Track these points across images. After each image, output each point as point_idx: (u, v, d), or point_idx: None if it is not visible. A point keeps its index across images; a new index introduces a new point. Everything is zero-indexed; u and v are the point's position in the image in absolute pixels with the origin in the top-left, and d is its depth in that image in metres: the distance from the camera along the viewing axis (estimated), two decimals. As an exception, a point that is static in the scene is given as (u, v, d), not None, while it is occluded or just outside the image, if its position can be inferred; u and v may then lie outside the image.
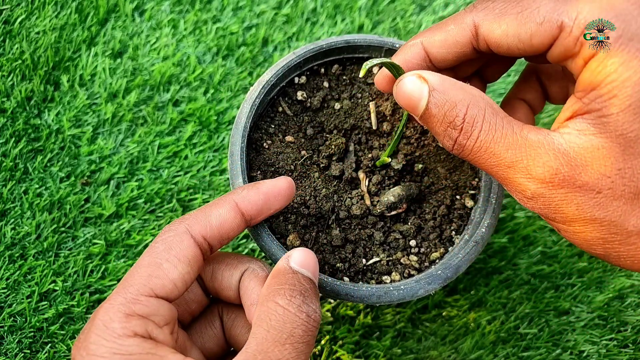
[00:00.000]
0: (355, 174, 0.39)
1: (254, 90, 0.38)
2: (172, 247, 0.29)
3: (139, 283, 0.28)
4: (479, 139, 0.27)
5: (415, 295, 0.35)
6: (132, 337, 0.26)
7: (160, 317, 0.28)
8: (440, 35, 0.31)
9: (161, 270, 0.29)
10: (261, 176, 0.38)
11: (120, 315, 0.27)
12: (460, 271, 0.36)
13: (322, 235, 0.37)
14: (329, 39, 0.40)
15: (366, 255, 0.38)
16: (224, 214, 0.31)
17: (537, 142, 0.26)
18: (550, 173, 0.26)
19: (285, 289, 0.28)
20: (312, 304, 0.28)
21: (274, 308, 0.27)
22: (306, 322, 0.27)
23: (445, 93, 0.28)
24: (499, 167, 0.27)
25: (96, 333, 0.26)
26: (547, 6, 0.26)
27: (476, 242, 0.36)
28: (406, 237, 0.39)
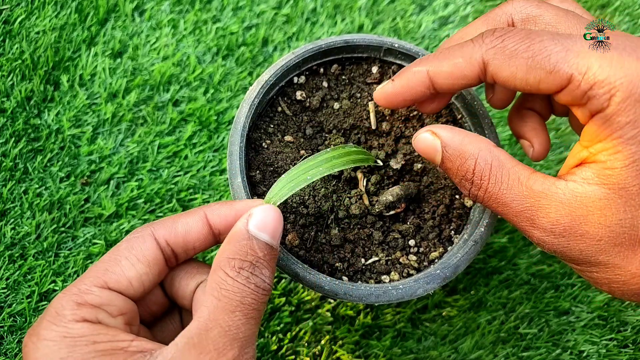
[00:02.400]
0: (353, 173, 0.39)
1: (253, 90, 0.38)
2: (134, 247, 0.30)
3: (94, 275, 0.29)
4: (488, 191, 0.30)
5: (414, 294, 0.35)
6: (80, 322, 0.27)
7: (114, 308, 0.29)
8: (448, 67, 0.31)
9: (118, 267, 0.29)
10: (260, 176, 0.38)
11: (71, 304, 0.27)
12: (459, 270, 0.36)
13: (321, 235, 0.37)
14: (328, 39, 0.40)
15: (365, 254, 0.38)
16: (191, 223, 0.32)
17: (541, 193, 0.28)
18: (552, 223, 0.28)
19: (236, 260, 0.29)
20: (261, 274, 0.29)
21: (224, 277, 0.28)
22: (255, 292, 0.28)
23: (455, 148, 0.30)
24: (508, 215, 0.29)
25: (47, 319, 0.27)
26: (558, 55, 0.27)
27: (475, 241, 0.36)
28: (405, 237, 0.39)
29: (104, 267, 0.29)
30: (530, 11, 0.32)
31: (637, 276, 0.27)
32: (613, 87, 0.25)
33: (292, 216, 0.37)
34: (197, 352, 0.26)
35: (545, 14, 0.31)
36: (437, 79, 0.32)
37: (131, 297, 0.30)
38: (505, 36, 0.28)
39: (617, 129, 0.26)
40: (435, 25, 0.57)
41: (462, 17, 0.57)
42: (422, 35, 0.56)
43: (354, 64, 0.42)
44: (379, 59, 0.42)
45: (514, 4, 0.33)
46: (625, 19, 0.57)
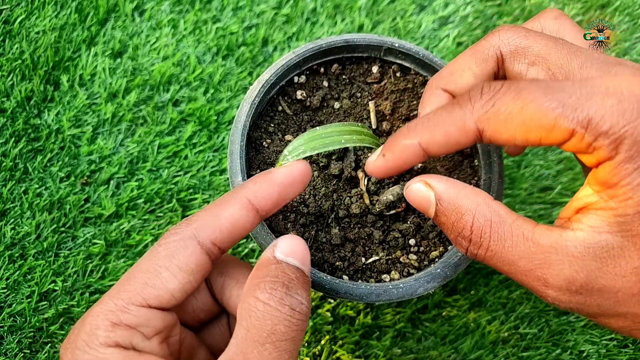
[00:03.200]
0: (354, 172, 0.39)
1: (254, 90, 0.38)
2: (175, 254, 0.27)
3: (132, 290, 0.26)
4: (490, 249, 0.27)
5: (414, 293, 0.35)
6: (112, 347, 0.25)
7: (150, 329, 0.27)
8: (440, 137, 0.29)
9: (159, 279, 0.27)
10: None
11: (106, 323, 0.26)
12: (460, 269, 0.36)
13: (322, 234, 0.38)
14: (329, 39, 0.40)
15: (365, 254, 0.38)
16: (235, 213, 0.28)
17: (550, 248, 0.26)
18: (567, 282, 0.26)
19: (266, 281, 0.26)
20: (297, 295, 0.26)
21: (254, 304, 0.25)
22: (289, 317, 0.25)
23: (450, 202, 0.28)
24: (515, 274, 0.27)
25: (82, 338, 0.26)
26: (555, 112, 0.25)
27: None
28: (405, 236, 0.39)
29: (143, 280, 0.27)
30: (518, 43, 0.30)
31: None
32: (618, 136, 0.24)
33: (292, 215, 0.37)
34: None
35: (534, 45, 0.30)
36: (430, 149, 0.30)
37: (172, 308, 0.28)
38: (495, 98, 0.26)
39: (626, 175, 0.25)
40: (435, 25, 0.57)
41: (462, 17, 0.57)
42: (422, 35, 0.56)
43: (354, 64, 0.42)
44: (380, 59, 0.42)
45: (501, 34, 0.31)
46: (625, 19, 0.57)
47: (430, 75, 0.41)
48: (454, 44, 0.56)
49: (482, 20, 0.57)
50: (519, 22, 0.57)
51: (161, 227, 0.48)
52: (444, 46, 0.56)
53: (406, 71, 0.42)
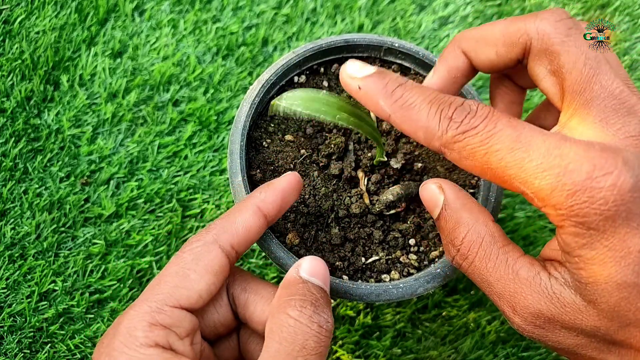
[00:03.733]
0: (354, 172, 0.39)
1: (254, 89, 0.38)
2: (200, 257, 0.30)
3: (165, 292, 0.29)
4: (473, 264, 0.29)
5: (414, 293, 0.35)
6: (153, 347, 0.27)
7: (183, 329, 0.29)
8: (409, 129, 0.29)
9: (188, 281, 0.29)
10: (260, 174, 0.38)
11: (144, 324, 0.27)
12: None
13: (322, 234, 0.38)
14: (329, 38, 0.40)
15: (365, 253, 0.38)
16: (250, 221, 0.31)
17: (525, 280, 0.27)
18: (533, 315, 0.27)
19: (295, 299, 0.28)
20: (323, 313, 0.28)
21: (285, 320, 0.27)
22: (318, 333, 0.27)
23: (454, 211, 0.30)
24: (490, 294, 0.29)
25: (120, 340, 0.27)
26: (511, 171, 0.25)
27: None
28: (405, 236, 0.39)
29: (174, 283, 0.29)
30: (551, 44, 0.29)
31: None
32: (564, 213, 0.24)
33: (292, 215, 0.37)
34: None
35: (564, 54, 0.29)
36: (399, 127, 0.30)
37: (197, 310, 0.30)
38: (467, 134, 0.26)
39: (575, 248, 0.25)
40: (435, 25, 0.57)
41: (462, 17, 0.57)
42: (422, 35, 0.56)
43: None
44: (379, 59, 0.42)
45: (538, 24, 0.30)
46: (625, 19, 0.57)
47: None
48: (454, 44, 0.56)
49: (482, 20, 0.57)
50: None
51: (161, 227, 0.48)
52: (443, 46, 0.56)
53: (406, 71, 0.42)
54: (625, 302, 0.25)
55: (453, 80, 0.34)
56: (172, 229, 0.48)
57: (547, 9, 0.35)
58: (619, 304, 0.25)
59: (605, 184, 0.23)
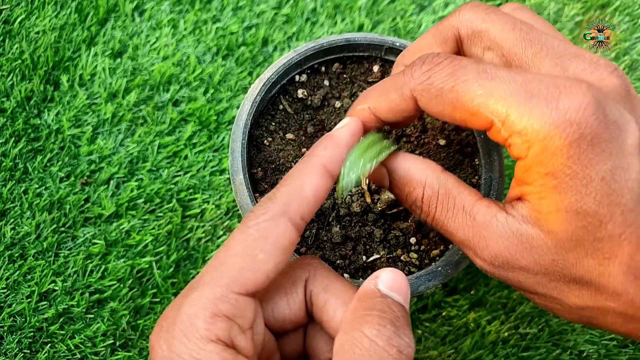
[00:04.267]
0: None
1: (255, 88, 0.38)
2: (268, 234, 0.26)
3: (230, 276, 0.25)
4: (435, 218, 0.30)
5: (415, 291, 0.35)
6: (214, 342, 0.24)
7: (246, 320, 0.26)
8: (385, 103, 0.30)
9: (255, 262, 0.26)
10: (262, 173, 0.38)
11: (206, 313, 0.25)
12: (461, 267, 0.36)
13: (323, 232, 0.38)
14: (330, 37, 0.40)
15: (366, 252, 0.38)
16: (317, 183, 0.28)
17: (482, 224, 0.28)
18: (492, 256, 0.28)
19: (373, 315, 0.24)
20: (405, 336, 0.24)
21: (360, 339, 0.24)
22: (397, 359, 0.23)
23: (402, 176, 0.30)
24: (453, 241, 0.30)
25: (180, 328, 0.25)
26: (480, 99, 0.26)
27: None
28: (406, 235, 0.39)
29: (240, 265, 0.26)
30: (476, 25, 0.30)
31: (574, 309, 0.27)
32: (529, 139, 0.24)
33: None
34: None
35: (491, 28, 0.29)
36: (379, 114, 0.31)
37: (262, 292, 0.28)
38: (432, 71, 0.27)
39: (538, 178, 0.25)
40: (435, 25, 0.57)
41: (462, 17, 0.57)
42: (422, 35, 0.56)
43: (355, 63, 0.42)
44: (380, 58, 0.42)
45: (460, 15, 0.31)
46: (625, 19, 0.57)
47: None
48: (454, 44, 0.56)
49: (482, 21, 0.57)
50: (519, 22, 0.57)
51: (161, 227, 0.48)
52: (444, 46, 0.56)
53: None
54: (583, 231, 0.25)
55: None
56: (172, 229, 0.48)
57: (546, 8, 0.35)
58: (577, 233, 0.25)
59: (570, 105, 0.24)
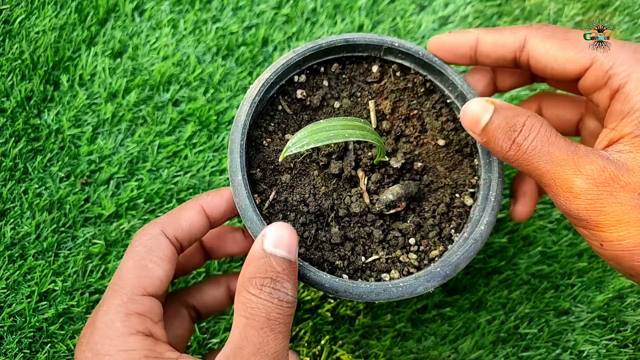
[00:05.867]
0: (354, 172, 0.39)
1: (254, 89, 0.38)
2: (153, 248, 0.32)
3: (131, 284, 0.31)
4: (536, 139, 0.31)
5: (414, 292, 0.35)
6: (134, 334, 0.29)
7: (155, 314, 0.31)
8: (495, 34, 0.37)
9: (147, 270, 0.32)
10: (260, 173, 0.38)
11: (120, 316, 0.29)
12: (460, 268, 0.36)
13: (322, 233, 0.38)
14: (329, 38, 0.40)
15: (365, 253, 0.38)
16: (192, 217, 0.35)
17: (585, 150, 0.30)
18: (598, 170, 0.29)
19: (256, 278, 0.30)
20: (283, 287, 0.30)
21: (249, 297, 0.29)
22: (279, 306, 0.29)
23: (509, 108, 0.33)
24: (551, 164, 0.30)
25: (99, 334, 0.29)
26: (587, 44, 0.33)
27: (475, 239, 0.36)
28: (405, 235, 0.39)
29: (135, 274, 0.31)
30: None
31: None
32: (630, 65, 0.31)
33: (292, 214, 0.37)
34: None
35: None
36: (482, 40, 0.37)
37: (161, 296, 0.33)
38: (548, 25, 0.35)
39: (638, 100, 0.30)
40: (435, 25, 0.57)
41: (462, 17, 0.57)
42: (422, 35, 0.56)
43: (354, 63, 0.42)
44: (380, 58, 0.42)
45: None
46: (625, 19, 0.57)
47: (430, 75, 0.41)
48: (454, 44, 0.56)
49: (482, 20, 0.57)
50: (519, 23, 0.57)
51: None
52: (444, 46, 0.56)
53: (406, 71, 0.42)
54: None
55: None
56: (172, 229, 0.48)
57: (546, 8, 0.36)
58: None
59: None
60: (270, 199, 0.37)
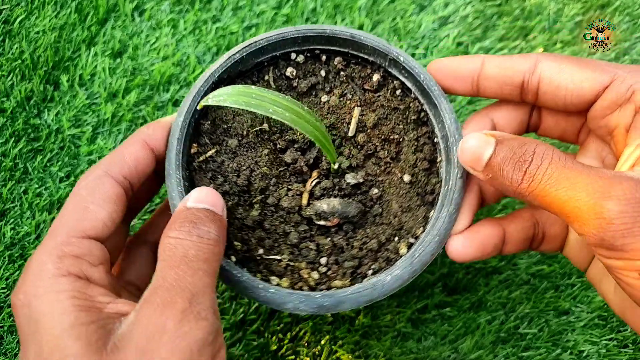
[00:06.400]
0: (307, 169, 0.37)
1: (240, 46, 0.37)
2: (95, 189, 0.31)
3: (68, 226, 0.30)
4: (551, 166, 0.28)
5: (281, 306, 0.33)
6: (66, 276, 0.28)
7: (94, 257, 0.30)
8: (503, 57, 0.35)
9: (88, 213, 0.30)
10: (210, 127, 0.37)
11: (53, 257, 0.28)
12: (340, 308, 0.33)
13: (240, 210, 0.36)
14: (335, 27, 0.38)
15: (271, 248, 0.35)
16: (137, 152, 0.33)
17: (610, 172, 0.27)
18: (631, 191, 0.26)
19: (176, 223, 0.29)
20: (203, 226, 0.29)
21: (167, 241, 0.29)
22: (198, 243, 0.28)
23: (513, 138, 0.30)
24: (573, 190, 0.27)
25: (31, 277, 0.28)
26: (602, 63, 0.31)
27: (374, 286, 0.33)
28: (320, 252, 0.36)
29: (74, 217, 0.30)
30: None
31: None
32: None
33: (221, 179, 0.36)
34: (149, 310, 0.26)
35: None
36: (488, 63, 0.35)
37: (106, 239, 0.31)
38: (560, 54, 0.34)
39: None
40: (435, 25, 0.57)
41: (462, 17, 0.57)
42: (422, 35, 0.56)
43: (359, 65, 0.40)
44: (384, 69, 0.39)
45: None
46: (625, 19, 0.57)
47: (426, 105, 0.38)
48: (454, 44, 0.56)
49: (482, 20, 0.57)
50: (518, 22, 0.57)
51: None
52: (444, 46, 0.56)
53: (407, 92, 0.39)
54: None
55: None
56: (172, 229, 0.48)
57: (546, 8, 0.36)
58: None
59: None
60: (207, 155, 0.36)
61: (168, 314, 0.25)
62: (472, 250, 0.35)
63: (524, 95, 0.35)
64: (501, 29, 0.57)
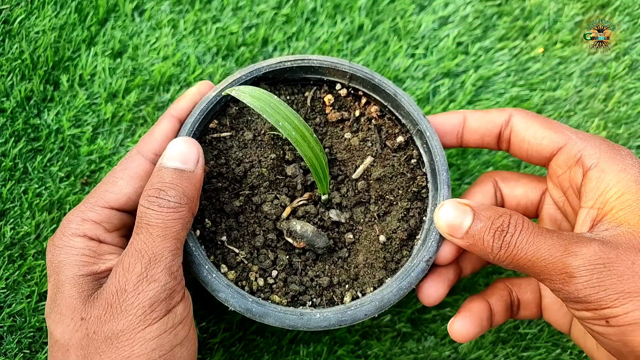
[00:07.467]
0: (301, 187, 0.39)
1: (293, 57, 0.40)
2: (127, 167, 0.36)
3: (97, 196, 0.35)
4: (522, 233, 0.32)
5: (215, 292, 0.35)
6: (81, 236, 0.34)
7: (111, 224, 0.35)
8: (482, 112, 0.40)
9: (116, 187, 0.36)
10: (236, 111, 0.39)
11: (77, 219, 0.34)
12: (265, 321, 0.35)
13: (225, 194, 0.38)
14: (384, 79, 0.40)
15: (235, 240, 0.38)
16: (164, 127, 0.38)
17: (572, 234, 0.31)
18: (591, 253, 0.30)
19: (147, 189, 0.33)
20: (166, 196, 0.33)
21: (139, 209, 0.33)
22: (159, 212, 0.32)
23: (488, 209, 0.34)
24: (541, 251, 0.31)
25: (61, 230, 0.35)
26: (565, 127, 0.37)
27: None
28: (275, 264, 0.38)
29: (104, 189, 0.36)
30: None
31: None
32: (599, 148, 0.35)
33: (223, 160, 0.38)
34: (117, 272, 0.32)
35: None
36: (469, 117, 0.40)
37: (130, 210, 0.36)
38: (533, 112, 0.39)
39: (613, 177, 0.32)
40: (435, 25, 0.57)
41: (462, 17, 0.57)
42: (422, 35, 0.56)
43: (392, 121, 0.42)
44: (410, 135, 0.41)
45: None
46: (625, 19, 0.57)
47: (431, 184, 0.40)
48: (454, 44, 0.56)
49: (482, 20, 0.57)
50: (518, 22, 0.57)
51: (161, 227, 0.49)
52: (444, 46, 0.56)
53: (421, 165, 0.41)
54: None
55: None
56: (172, 229, 0.48)
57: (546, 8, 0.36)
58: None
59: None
60: (222, 135, 0.39)
61: (128, 278, 0.31)
62: (473, 328, 0.38)
63: (500, 144, 0.40)
64: (501, 29, 0.57)
